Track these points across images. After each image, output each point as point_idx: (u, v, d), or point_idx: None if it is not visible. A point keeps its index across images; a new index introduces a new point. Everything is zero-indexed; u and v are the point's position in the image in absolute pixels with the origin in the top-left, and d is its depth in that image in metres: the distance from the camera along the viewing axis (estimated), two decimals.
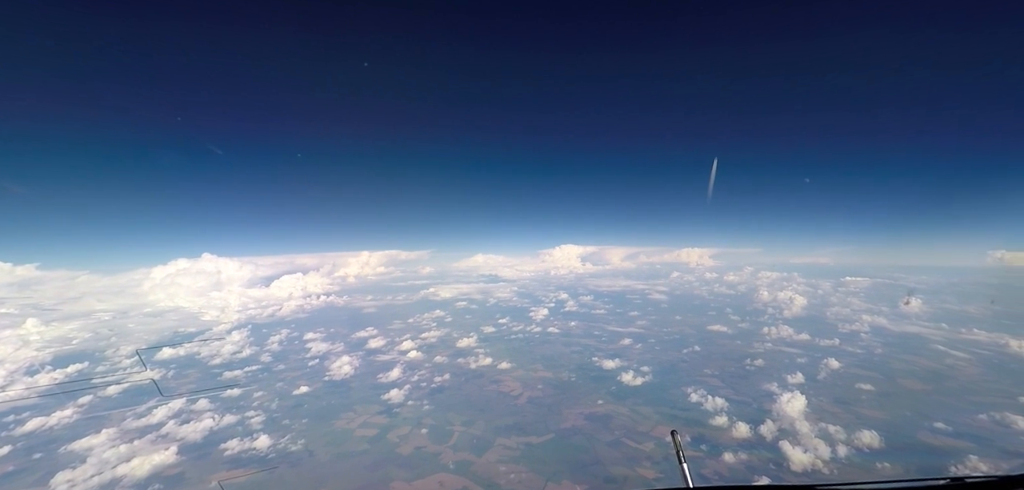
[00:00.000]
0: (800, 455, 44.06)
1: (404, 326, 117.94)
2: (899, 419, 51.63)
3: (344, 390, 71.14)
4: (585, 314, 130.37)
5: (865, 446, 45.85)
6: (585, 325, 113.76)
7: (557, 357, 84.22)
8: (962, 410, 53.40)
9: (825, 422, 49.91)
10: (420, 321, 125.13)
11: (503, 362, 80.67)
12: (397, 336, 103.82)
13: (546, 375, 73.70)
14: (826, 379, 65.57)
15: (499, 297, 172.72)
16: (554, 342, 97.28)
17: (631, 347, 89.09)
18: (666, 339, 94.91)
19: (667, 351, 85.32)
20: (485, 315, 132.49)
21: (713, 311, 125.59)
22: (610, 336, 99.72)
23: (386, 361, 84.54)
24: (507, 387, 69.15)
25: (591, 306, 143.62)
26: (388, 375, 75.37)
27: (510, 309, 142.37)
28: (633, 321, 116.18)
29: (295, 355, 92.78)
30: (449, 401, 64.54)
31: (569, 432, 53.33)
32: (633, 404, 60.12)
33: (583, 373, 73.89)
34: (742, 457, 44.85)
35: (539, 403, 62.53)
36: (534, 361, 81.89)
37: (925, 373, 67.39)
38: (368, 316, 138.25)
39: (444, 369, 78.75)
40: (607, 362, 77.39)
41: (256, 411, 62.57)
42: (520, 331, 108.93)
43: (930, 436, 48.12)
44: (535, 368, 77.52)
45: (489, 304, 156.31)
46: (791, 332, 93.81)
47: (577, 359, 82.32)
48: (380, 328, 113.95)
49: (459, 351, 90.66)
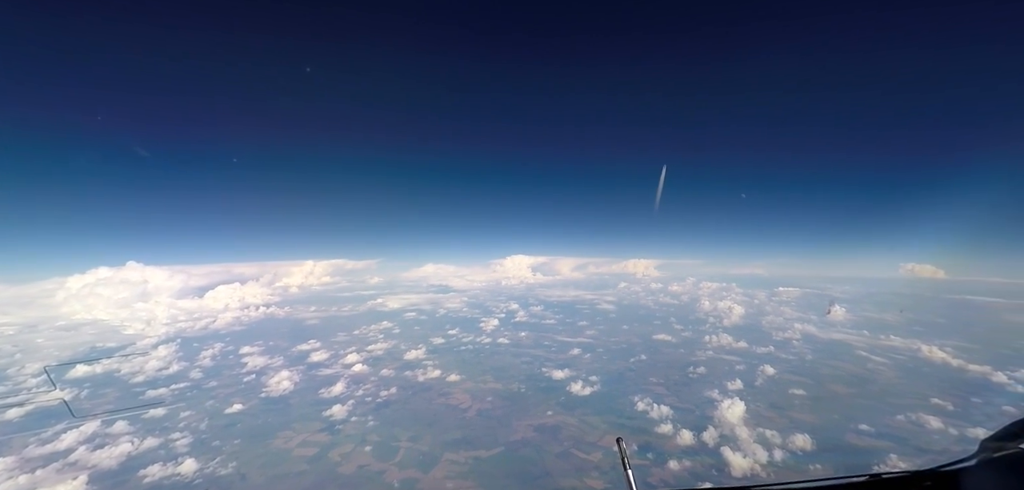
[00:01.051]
0: (740, 460, 45.59)
1: (349, 338, 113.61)
2: (828, 422, 54.64)
3: (282, 407, 67.20)
4: (535, 324, 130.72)
5: (798, 449, 48.11)
6: (535, 335, 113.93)
7: (507, 368, 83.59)
8: (882, 412, 57.23)
9: (762, 427, 52.04)
10: (366, 333, 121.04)
11: (452, 374, 79.12)
12: (342, 349, 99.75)
13: (496, 386, 72.86)
14: (763, 385, 68.63)
15: (449, 307, 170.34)
16: (504, 353, 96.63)
17: (580, 357, 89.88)
18: (614, 348, 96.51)
19: (615, 360, 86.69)
20: (434, 326, 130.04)
21: (658, 320, 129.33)
22: (560, 346, 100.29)
23: (329, 375, 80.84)
24: (456, 400, 67.73)
25: (541, 316, 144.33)
26: (331, 390, 72.00)
27: (460, 320, 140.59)
28: (582, 331, 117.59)
29: (229, 370, 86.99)
30: (395, 416, 62.34)
31: (518, 444, 52.71)
32: (582, 414, 60.38)
33: (533, 384, 73.63)
34: (686, 464, 45.86)
35: (488, 415, 61.58)
36: (484, 372, 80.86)
37: (850, 377, 72.04)
38: (311, 328, 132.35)
39: (391, 382, 76.16)
40: (557, 372, 77.62)
41: (182, 432, 57.83)
42: (470, 342, 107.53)
43: (856, 437, 51.19)
44: (485, 380, 76.51)
45: (439, 315, 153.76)
46: (730, 340, 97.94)
47: (527, 370, 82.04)
48: (323, 340, 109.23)
49: (407, 363, 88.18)
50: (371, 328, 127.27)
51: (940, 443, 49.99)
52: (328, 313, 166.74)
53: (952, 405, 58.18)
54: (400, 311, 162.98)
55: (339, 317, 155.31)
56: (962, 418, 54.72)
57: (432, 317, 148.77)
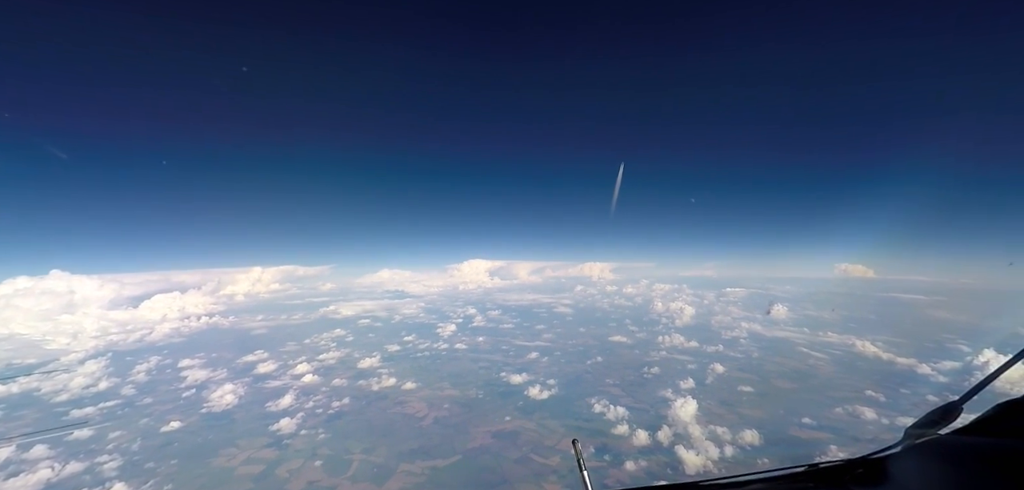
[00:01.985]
0: (693, 458, 46.65)
1: (299, 348, 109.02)
2: (774, 416, 56.94)
3: (225, 423, 63.39)
4: (493, 329, 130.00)
5: (747, 444, 49.78)
6: (493, 340, 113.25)
7: (464, 374, 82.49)
8: (823, 405, 60.24)
9: (714, 424, 53.52)
10: (318, 341, 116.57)
11: (408, 382, 77.23)
12: (291, 359, 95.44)
13: (453, 393, 71.65)
14: (713, 383, 70.80)
15: (405, 314, 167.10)
16: (462, 359, 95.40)
17: (538, 361, 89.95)
18: (571, 351, 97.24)
19: (572, 363, 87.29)
20: (390, 333, 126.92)
21: (614, 323, 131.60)
22: (517, 350, 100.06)
23: (277, 387, 77.07)
24: (412, 408, 66.04)
25: (499, 321, 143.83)
26: (279, 403, 68.58)
27: (416, 326, 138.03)
28: (540, 335, 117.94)
29: (166, 386, 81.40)
30: (348, 427, 60.04)
31: (476, 452, 51.86)
32: (540, 418, 60.20)
33: (490, 389, 72.91)
34: (642, 464, 46.47)
35: (446, 423, 60.36)
36: (441, 379, 79.40)
37: (793, 373, 75.58)
38: (258, 338, 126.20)
39: (343, 393, 73.45)
40: (514, 377, 77.24)
41: (111, 455, 53.34)
42: (426, 348, 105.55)
43: (799, 430, 53.56)
44: (442, 387, 75.11)
45: (394, 321, 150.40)
46: (682, 340, 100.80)
47: (485, 375, 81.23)
48: (271, 351, 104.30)
49: (361, 372, 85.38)
50: (323, 336, 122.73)
51: (873, 432, 52.98)
52: (277, 322, 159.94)
53: (884, 397, 61.97)
54: (354, 318, 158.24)
55: (289, 326, 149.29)
56: (892, 408, 58.37)
57: (387, 324, 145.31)
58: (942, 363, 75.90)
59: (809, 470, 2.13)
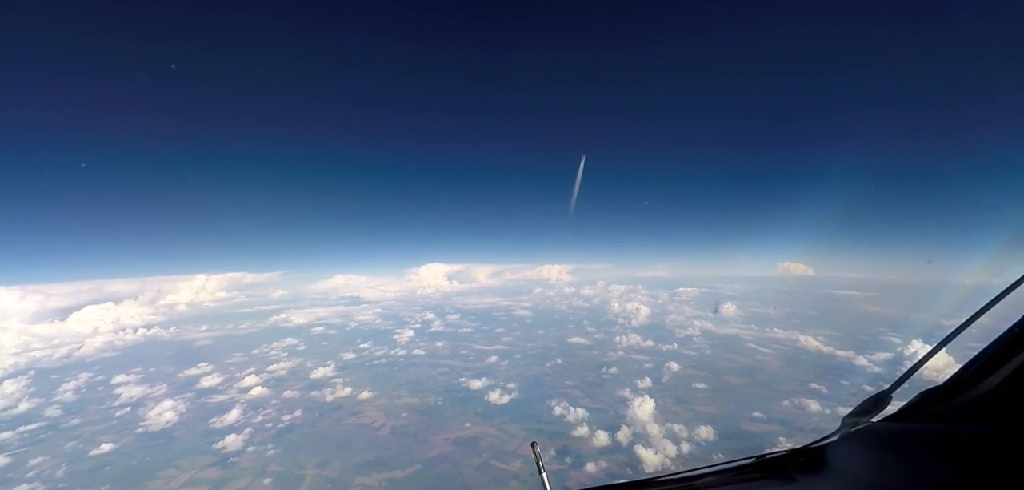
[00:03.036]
0: (652, 456, 47.35)
1: (247, 359, 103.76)
2: (727, 412, 58.77)
3: (164, 442, 59.27)
4: (452, 334, 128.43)
5: (702, 440, 51.01)
6: (452, 345, 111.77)
7: (423, 381, 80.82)
8: (771, 398, 62.69)
9: (670, 422, 54.61)
10: (268, 351, 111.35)
11: (364, 391, 74.81)
12: (238, 371, 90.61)
13: (411, 401, 69.97)
14: (669, 381, 72.39)
15: (361, 320, 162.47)
16: (420, 365, 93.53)
17: (497, 364, 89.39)
18: (530, 354, 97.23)
19: (532, 366, 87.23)
20: (345, 340, 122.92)
21: (572, 324, 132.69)
22: (477, 355, 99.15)
23: (222, 401, 72.88)
24: (368, 418, 63.94)
25: (458, 325, 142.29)
26: (224, 418, 64.75)
27: (373, 332, 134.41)
28: (499, 338, 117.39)
29: (97, 405, 75.43)
30: (300, 441, 57.40)
31: (435, 460, 50.70)
32: (500, 423, 59.64)
33: (450, 395, 71.71)
34: (603, 465, 46.71)
35: (403, 432, 58.75)
36: (398, 387, 77.44)
37: (743, 369, 78.43)
38: (201, 350, 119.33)
39: (295, 405, 70.27)
40: (474, 382, 76.35)
41: (32, 483, 48.73)
42: (383, 356, 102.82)
43: (750, 424, 55.47)
44: (399, 395, 73.23)
45: (350, 328, 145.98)
46: (639, 340, 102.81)
47: (444, 381, 79.87)
48: (216, 363, 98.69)
49: (313, 383, 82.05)
50: (273, 346, 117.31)
51: (817, 422, 55.62)
52: (223, 332, 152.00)
53: (826, 388, 65.22)
54: (306, 326, 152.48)
55: (236, 336, 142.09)
56: (833, 399, 61.50)
57: (342, 331, 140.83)
58: (876, 354, 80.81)
59: (757, 461, 2.25)
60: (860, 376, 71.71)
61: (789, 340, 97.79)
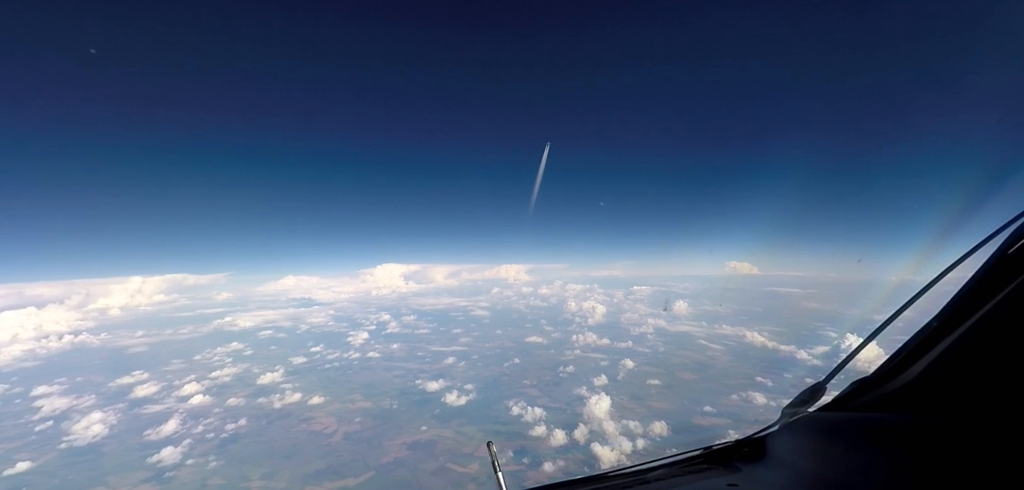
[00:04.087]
0: (608, 453, 47.74)
1: (187, 366, 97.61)
2: (680, 407, 60.24)
3: (92, 458, 54.61)
4: (408, 335, 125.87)
5: (657, 435, 52.00)
6: (408, 347, 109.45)
7: (378, 384, 78.50)
8: (721, 392, 64.81)
9: (626, 419, 55.36)
10: (210, 357, 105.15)
11: (315, 396, 71.81)
12: (177, 379, 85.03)
13: (365, 405, 67.72)
14: (624, 379, 73.53)
15: (312, 323, 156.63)
16: (375, 368, 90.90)
17: (455, 366, 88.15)
18: (488, 354, 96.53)
19: (489, 366, 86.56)
20: (295, 344, 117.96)
21: (530, 324, 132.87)
22: (434, 356, 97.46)
23: (158, 412, 68.02)
24: (320, 424, 61.33)
25: (414, 326, 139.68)
26: (160, 430, 60.35)
27: (325, 335, 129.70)
28: (457, 339, 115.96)
29: (14, 419, 68.78)
30: (245, 451, 54.25)
31: (391, 466, 49.12)
32: (458, 425, 58.64)
33: (406, 398, 69.94)
34: (560, 464, 46.67)
35: (357, 438, 56.67)
36: (352, 391, 74.83)
37: (694, 365, 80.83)
38: (136, 357, 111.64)
39: (240, 413, 66.47)
40: (431, 384, 74.84)
41: None
42: (336, 359, 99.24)
43: (701, 418, 57.01)
44: (353, 399, 70.74)
45: (300, 331, 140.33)
46: (595, 338, 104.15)
47: (399, 384, 77.87)
48: (152, 370, 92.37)
49: (260, 389, 78.03)
50: (216, 351, 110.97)
51: (763, 414, 57.97)
52: (161, 337, 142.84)
53: (771, 382, 68.11)
54: (254, 330, 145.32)
55: (175, 341, 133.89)
56: (778, 391, 64.25)
57: (292, 334, 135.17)
58: (815, 348, 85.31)
59: (704, 453, 2.36)
60: (801, 369, 75.41)
61: (737, 336, 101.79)
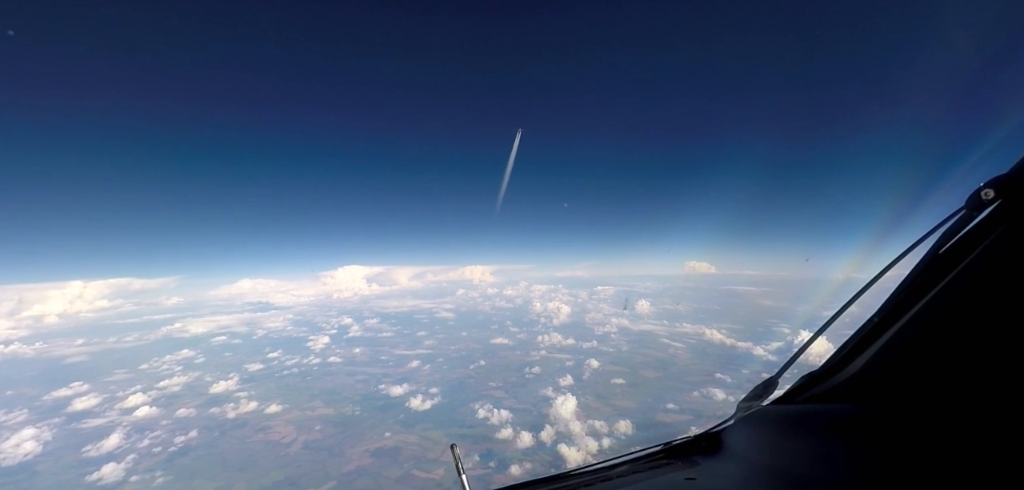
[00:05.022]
0: (575, 454, 47.93)
1: (132, 375, 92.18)
2: (644, 405, 61.26)
3: (23, 478, 50.75)
4: (371, 338, 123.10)
5: (622, 433, 52.64)
6: (371, 351, 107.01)
7: (339, 390, 76.29)
8: (682, 390, 66.36)
9: (592, 418, 55.80)
10: (158, 366, 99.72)
11: (273, 404, 69.05)
12: (120, 390, 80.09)
13: (326, 412, 65.64)
14: (589, 378, 74.19)
15: (270, 327, 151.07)
16: (336, 373, 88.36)
17: (419, 369, 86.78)
18: (453, 357, 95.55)
19: (455, 369, 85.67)
20: (251, 350, 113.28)
21: (495, 325, 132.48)
22: (397, 360, 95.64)
23: (99, 426, 63.81)
24: (277, 434, 59.00)
25: (377, 329, 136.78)
26: (101, 445, 56.55)
27: (283, 340, 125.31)
28: (421, 342, 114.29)
29: None
30: (195, 465, 51.52)
31: (352, 475, 47.71)
32: (423, 429, 57.61)
33: (369, 404, 68.24)
34: (527, 466, 46.53)
35: (317, 447, 54.79)
36: (312, 398, 72.42)
37: (657, 363, 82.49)
38: (74, 367, 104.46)
39: (190, 424, 63.16)
40: (395, 388, 73.30)
41: None
42: (295, 365, 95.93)
43: (665, 415, 58.15)
44: (313, 406, 68.46)
45: (257, 337, 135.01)
46: (560, 338, 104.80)
47: (362, 389, 75.95)
48: (93, 381, 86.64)
49: (213, 398, 74.44)
50: (165, 360, 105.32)
51: (722, 409, 59.53)
52: (103, 346, 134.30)
53: (729, 378, 70.23)
54: (206, 336, 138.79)
55: (119, 350, 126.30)
56: (735, 387, 66.29)
57: (248, 340, 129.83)
58: (770, 344, 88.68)
59: (664, 448, 2.41)
60: (758, 364, 78.14)
61: (697, 334, 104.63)
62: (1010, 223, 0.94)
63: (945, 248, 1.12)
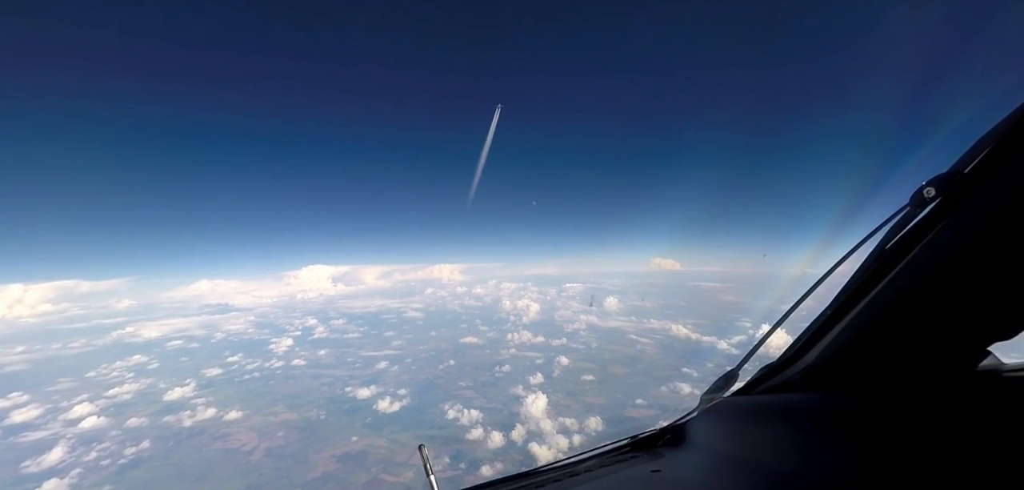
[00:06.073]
0: (546, 452, 48.00)
1: (78, 384, 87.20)
2: (613, 401, 61.99)
3: None
4: (337, 340, 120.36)
5: (592, 430, 53.01)
6: (337, 352, 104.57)
7: (303, 394, 74.15)
8: (651, 385, 67.46)
9: (562, 416, 56.06)
10: (107, 373, 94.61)
11: (232, 410, 66.50)
12: (64, 400, 75.49)
13: (289, 417, 63.63)
14: (559, 376, 74.55)
15: (229, 330, 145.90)
16: (300, 376, 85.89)
17: (387, 370, 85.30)
18: (422, 357, 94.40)
19: (424, 369, 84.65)
20: (209, 354, 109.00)
21: (465, 324, 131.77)
22: (364, 361, 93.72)
23: (40, 439, 59.91)
24: (237, 441, 56.78)
25: (343, 330, 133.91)
26: (42, 460, 53.03)
27: (244, 343, 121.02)
28: (389, 342, 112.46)
29: None
30: (148, 477, 49.06)
31: (318, 481, 46.39)
32: (391, 432, 56.53)
33: (335, 407, 66.54)
34: (498, 466, 46.27)
35: (281, 454, 53.02)
36: (274, 403, 70.09)
37: (625, 359, 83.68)
38: (13, 376, 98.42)
39: (142, 434, 60.09)
40: (362, 391, 71.72)
41: None
42: (256, 369, 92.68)
43: (634, 410, 58.95)
44: (276, 411, 66.25)
45: (215, 340, 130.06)
46: (530, 336, 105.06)
47: (328, 392, 74.05)
48: (34, 391, 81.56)
49: (168, 406, 71.14)
50: (115, 366, 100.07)
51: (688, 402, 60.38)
52: (46, 353, 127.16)
53: (695, 372, 71.87)
54: (160, 340, 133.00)
55: (64, 357, 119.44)
56: (701, 380, 67.99)
57: (206, 344, 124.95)
58: (734, 338, 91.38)
59: (631, 442, 2.43)
60: (722, 357, 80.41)
61: (664, 329, 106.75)
62: (949, 219, 1.02)
63: (891, 243, 1.19)
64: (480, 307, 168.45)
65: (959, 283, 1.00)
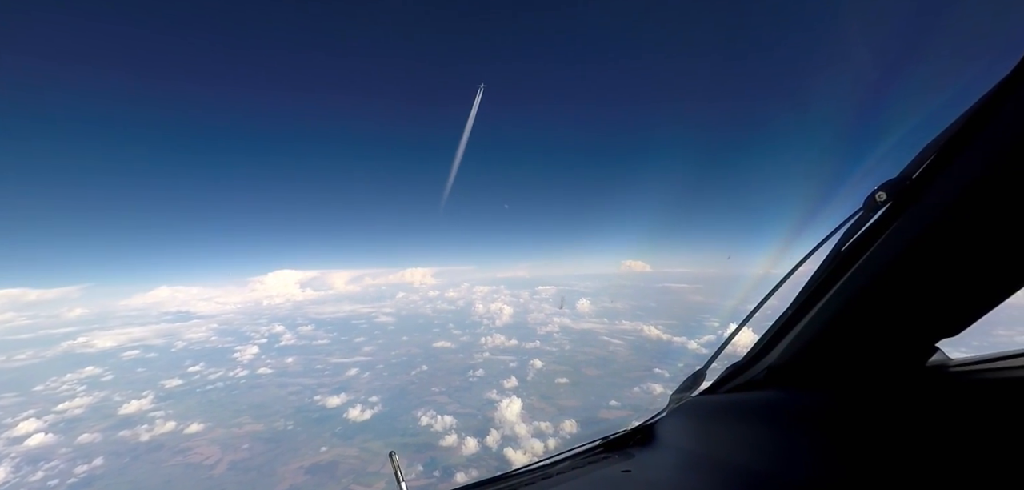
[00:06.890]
0: (521, 457, 47.62)
1: (24, 398, 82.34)
2: (587, 403, 62.26)
3: None
4: (305, 347, 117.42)
5: (567, 433, 53.03)
6: (305, 360, 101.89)
7: (270, 403, 71.72)
8: (623, 386, 68.08)
9: (537, 419, 55.92)
10: (56, 387, 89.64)
11: (193, 423, 63.76)
12: (9, 415, 71.13)
13: (255, 428, 61.38)
14: (533, 379, 74.44)
15: (190, 339, 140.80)
16: (266, 385, 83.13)
17: (358, 377, 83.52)
18: (394, 363, 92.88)
19: (395, 375, 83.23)
20: (168, 365, 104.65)
21: (437, 328, 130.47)
22: (334, 368, 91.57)
23: None
24: (199, 455, 54.40)
25: (312, 337, 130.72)
26: None
27: (206, 352, 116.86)
28: (359, 348, 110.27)
29: None
30: None
31: None
32: (362, 441, 55.21)
33: (303, 417, 64.59)
34: (473, 473, 45.62)
35: (245, 467, 51.03)
36: (239, 414, 67.52)
37: (598, 361, 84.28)
38: None
39: (94, 451, 56.92)
40: (331, 399, 69.95)
41: None
42: (219, 379, 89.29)
43: (607, 412, 59.31)
44: (240, 423, 63.81)
45: (175, 349, 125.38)
46: (503, 340, 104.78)
47: (295, 401, 71.85)
48: None
49: (123, 420, 67.69)
50: (65, 379, 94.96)
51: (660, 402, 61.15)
52: None
53: (667, 372, 72.92)
54: (115, 351, 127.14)
55: (8, 370, 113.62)
56: (673, 380, 68.82)
57: (165, 353, 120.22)
58: (703, 338, 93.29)
59: (603, 442, 2.44)
60: (692, 357, 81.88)
61: (635, 331, 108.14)
62: (899, 221, 1.07)
63: (847, 245, 1.24)
64: (453, 311, 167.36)
65: (908, 283, 1.06)
